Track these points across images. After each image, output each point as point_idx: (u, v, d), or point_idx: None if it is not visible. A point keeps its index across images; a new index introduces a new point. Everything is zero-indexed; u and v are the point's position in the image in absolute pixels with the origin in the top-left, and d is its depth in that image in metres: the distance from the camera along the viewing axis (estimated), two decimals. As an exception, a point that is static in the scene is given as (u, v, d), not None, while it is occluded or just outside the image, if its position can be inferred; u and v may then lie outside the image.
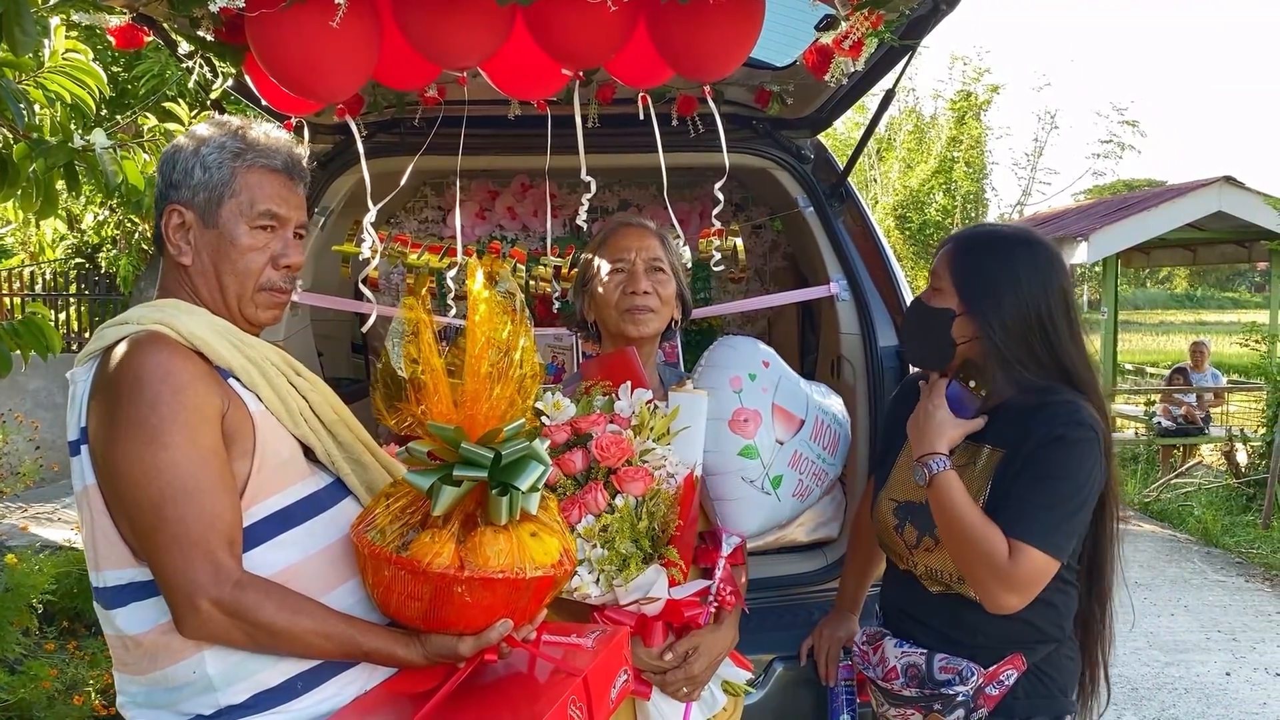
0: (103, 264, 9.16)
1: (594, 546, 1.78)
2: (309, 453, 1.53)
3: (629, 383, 1.94)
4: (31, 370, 8.24)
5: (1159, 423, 9.78)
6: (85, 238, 9.22)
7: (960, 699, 1.80)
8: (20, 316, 2.47)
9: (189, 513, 1.33)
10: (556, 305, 3.44)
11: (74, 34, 3.43)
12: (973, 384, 1.82)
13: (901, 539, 1.91)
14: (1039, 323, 1.77)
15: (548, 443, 1.70)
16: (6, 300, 9.92)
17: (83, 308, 9.95)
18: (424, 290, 1.55)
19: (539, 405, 1.85)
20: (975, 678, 1.80)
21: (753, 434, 2.01)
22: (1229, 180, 9.63)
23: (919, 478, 1.79)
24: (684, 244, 2.36)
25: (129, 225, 7.72)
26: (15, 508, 6.47)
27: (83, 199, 6.62)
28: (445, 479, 1.36)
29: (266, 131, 1.56)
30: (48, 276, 10.05)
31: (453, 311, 2.88)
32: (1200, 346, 10.66)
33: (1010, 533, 1.68)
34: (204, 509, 1.34)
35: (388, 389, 1.53)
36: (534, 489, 1.42)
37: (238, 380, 1.45)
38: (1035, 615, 1.81)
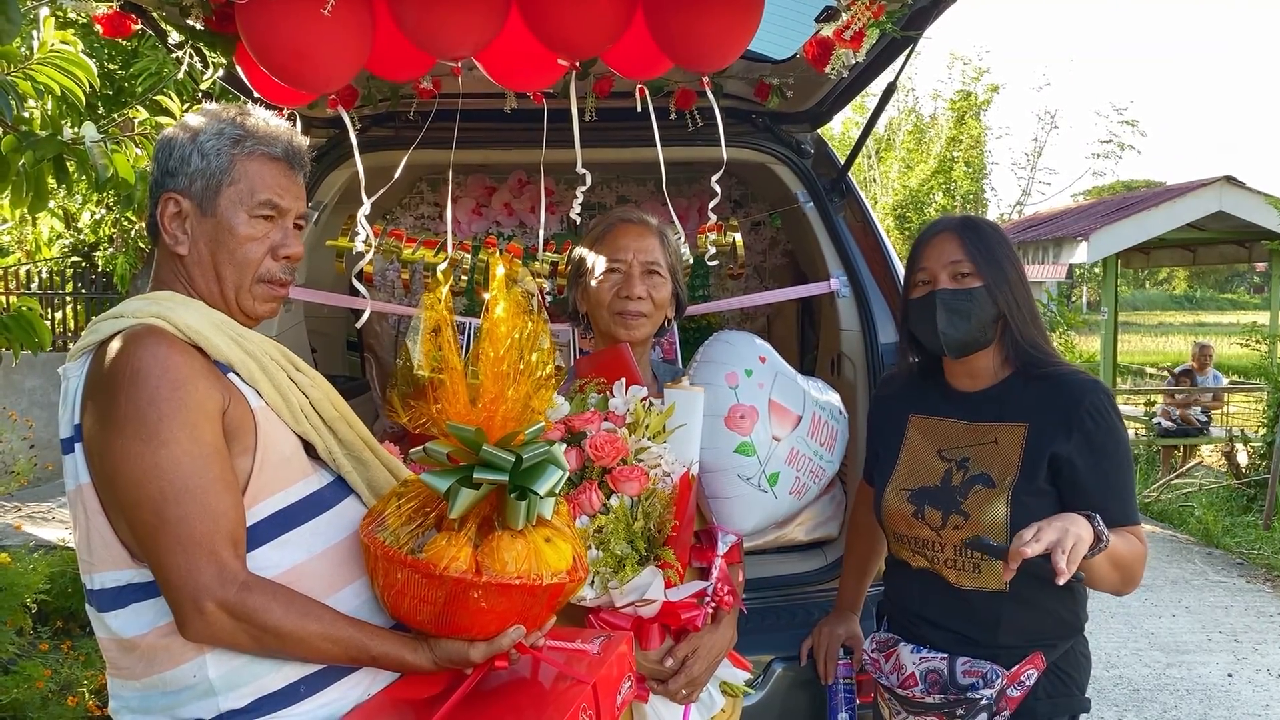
0: (100, 262, 9.13)
1: (589, 548, 1.75)
2: (309, 450, 1.49)
3: (623, 380, 1.91)
4: (26, 368, 8.26)
5: (1159, 423, 9.76)
6: (82, 236, 9.19)
7: (984, 703, 1.78)
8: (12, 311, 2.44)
9: (191, 512, 1.29)
10: (549, 299, 3.41)
11: (72, 30, 3.41)
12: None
13: (925, 523, 1.89)
14: (1031, 294, 1.91)
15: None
16: (2, 299, 9.90)
17: (79, 306, 9.92)
18: (445, 288, 1.50)
19: None
20: (999, 680, 1.78)
21: (749, 430, 1.99)
22: (1229, 180, 9.62)
23: (1096, 554, 1.61)
24: (683, 241, 2.33)
25: (126, 224, 7.70)
26: (10, 506, 6.44)
27: (79, 197, 6.60)
28: (464, 481, 1.33)
29: (265, 119, 1.52)
30: (44, 275, 10.02)
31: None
32: (1206, 349, 10.65)
33: (1126, 522, 1.76)
34: (207, 508, 1.30)
35: (405, 386, 1.49)
36: (551, 494, 1.39)
37: (237, 375, 1.41)
38: (1058, 604, 1.82)
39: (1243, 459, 8.45)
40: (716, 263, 2.71)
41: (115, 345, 1.34)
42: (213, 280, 1.48)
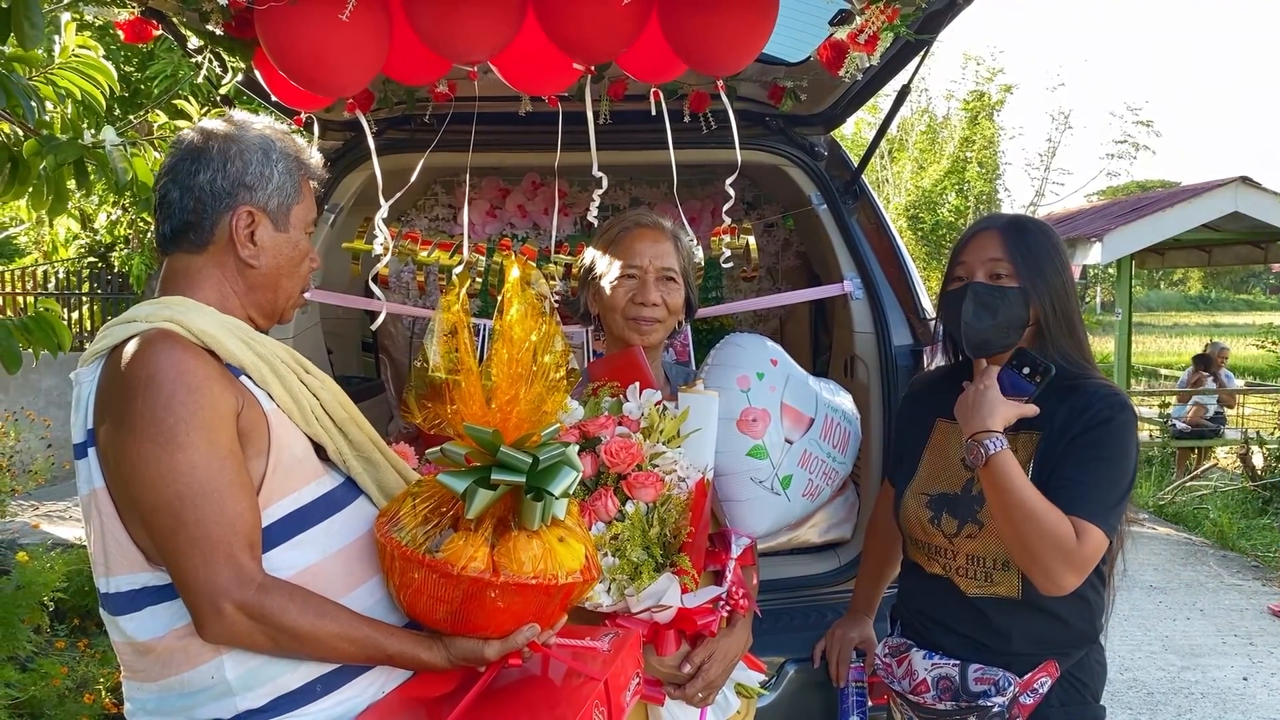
0: (115, 263, 9.21)
1: (605, 555, 1.75)
2: (319, 452, 1.51)
3: (637, 383, 1.91)
4: (44, 368, 8.33)
5: (1174, 425, 9.71)
6: (98, 237, 9.27)
7: (996, 710, 1.77)
8: (31, 313, 2.46)
9: (209, 515, 1.31)
10: (557, 299, 3.42)
11: (89, 33, 3.44)
12: (1028, 371, 1.77)
13: (940, 530, 1.88)
14: (1075, 303, 1.84)
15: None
16: (20, 299, 9.98)
17: (95, 306, 10.00)
18: (463, 290, 1.53)
19: None
20: (1011, 687, 1.77)
21: (761, 434, 1.99)
22: (1245, 180, 9.53)
23: (973, 459, 1.71)
24: (695, 243, 2.33)
25: (142, 225, 7.76)
26: (27, 505, 6.49)
27: (95, 198, 6.64)
28: (481, 482, 1.34)
29: (300, 140, 1.62)
30: (61, 275, 10.11)
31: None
32: (1223, 351, 10.57)
33: (1072, 511, 1.67)
34: (224, 510, 1.32)
35: (421, 387, 1.52)
36: (565, 494, 1.40)
37: (249, 378, 1.43)
38: (1071, 613, 1.80)
39: (1258, 461, 8.41)
40: (731, 265, 2.72)
41: (130, 350, 1.36)
42: (270, 290, 1.54)
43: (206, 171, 1.48)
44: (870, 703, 2.26)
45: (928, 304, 2.87)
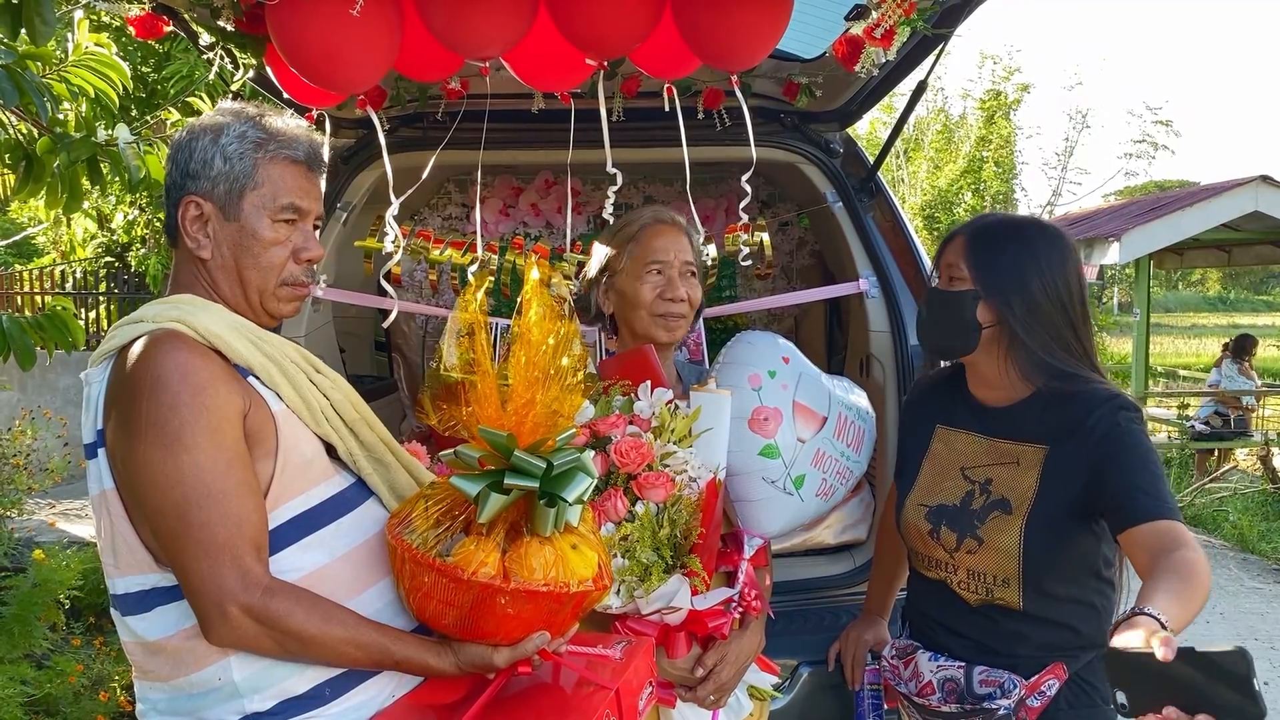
0: (132, 263, 9.26)
1: (614, 556, 1.73)
2: (330, 452, 1.49)
3: (648, 382, 1.90)
4: (61, 367, 8.37)
5: (1193, 426, 9.63)
6: (115, 237, 9.33)
7: (1002, 713, 1.73)
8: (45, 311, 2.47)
9: (214, 517, 1.30)
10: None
11: (104, 34, 3.46)
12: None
13: (939, 543, 1.85)
14: (1065, 305, 1.75)
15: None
16: (38, 299, 10.05)
17: (112, 306, 10.06)
18: (480, 290, 1.51)
19: None
20: (1017, 690, 1.74)
21: (773, 433, 1.97)
22: (1266, 179, 9.44)
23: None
24: (704, 240, 2.32)
25: (158, 224, 7.80)
26: (44, 504, 6.53)
27: (112, 198, 6.68)
28: (494, 486, 1.33)
29: (286, 120, 1.52)
30: (78, 275, 10.17)
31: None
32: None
33: (1159, 516, 1.55)
34: (230, 513, 1.31)
35: (436, 387, 1.50)
36: (579, 501, 1.38)
37: (257, 379, 1.41)
38: (1077, 619, 1.77)
39: (1279, 463, 8.32)
40: (749, 263, 2.70)
41: (136, 350, 1.35)
42: (236, 284, 1.48)
43: (169, 164, 1.48)
44: (886, 705, 2.24)
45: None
